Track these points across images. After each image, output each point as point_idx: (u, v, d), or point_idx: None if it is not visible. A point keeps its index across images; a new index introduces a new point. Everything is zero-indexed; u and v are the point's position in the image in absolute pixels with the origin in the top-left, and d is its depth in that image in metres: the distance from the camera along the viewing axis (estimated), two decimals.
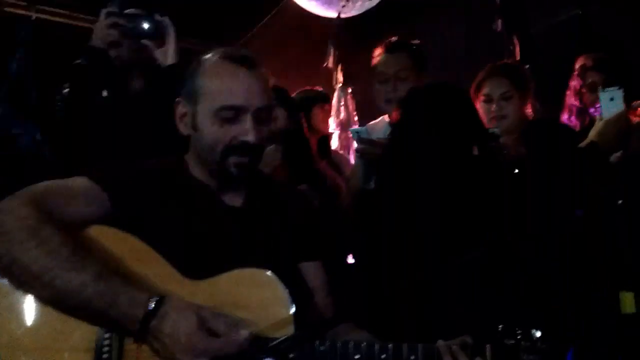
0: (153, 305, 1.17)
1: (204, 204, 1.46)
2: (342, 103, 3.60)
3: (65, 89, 2.04)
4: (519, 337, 1.26)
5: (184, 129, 1.49)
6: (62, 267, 1.15)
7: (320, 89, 3.41)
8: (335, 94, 3.63)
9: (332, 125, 3.53)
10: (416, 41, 2.67)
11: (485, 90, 2.44)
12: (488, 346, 1.27)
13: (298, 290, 1.39)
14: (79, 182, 1.34)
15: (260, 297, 1.30)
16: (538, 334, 1.26)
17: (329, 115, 3.44)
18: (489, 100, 2.42)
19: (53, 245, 1.17)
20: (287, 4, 4.02)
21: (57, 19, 3.84)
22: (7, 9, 3.44)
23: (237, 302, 1.29)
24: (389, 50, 2.57)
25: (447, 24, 3.96)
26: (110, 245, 1.29)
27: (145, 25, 2.01)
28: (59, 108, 2.06)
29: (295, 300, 1.29)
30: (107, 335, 1.22)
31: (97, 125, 1.97)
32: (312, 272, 1.56)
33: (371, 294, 1.79)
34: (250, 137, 1.41)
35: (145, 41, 2.03)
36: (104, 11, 2.04)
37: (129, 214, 1.34)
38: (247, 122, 1.41)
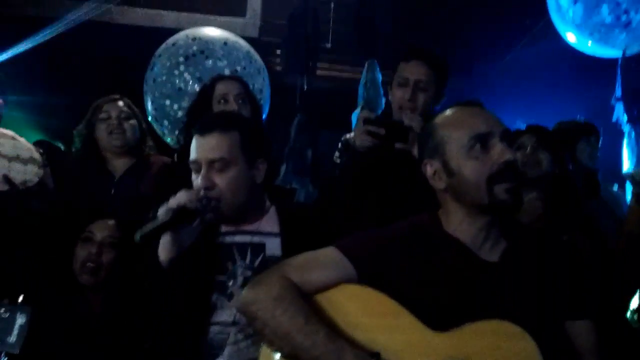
0: None
1: (456, 260, 1.46)
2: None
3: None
4: None
5: (439, 184, 1.51)
6: (299, 330, 1.38)
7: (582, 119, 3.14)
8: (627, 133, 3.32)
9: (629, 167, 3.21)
10: None
11: None
12: None
13: (557, 349, 1.33)
14: (326, 252, 1.51)
15: (506, 349, 1.30)
16: None
17: (594, 149, 3.09)
18: None
19: (292, 312, 1.40)
20: (535, 34, 3.85)
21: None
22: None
23: (482, 353, 1.30)
24: None
25: None
26: (357, 302, 1.44)
27: (398, 133, 2.14)
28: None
29: (550, 358, 1.23)
30: None
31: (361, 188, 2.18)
32: (580, 332, 1.45)
33: None
34: (508, 156, 1.42)
35: (399, 145, 2.15)
36: (361, 116, 2.22)
37: (375, 277, 1.46)
38: (498, 145, 1.43)
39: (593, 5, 3.27)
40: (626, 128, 3.35)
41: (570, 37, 3.48)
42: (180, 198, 1.64)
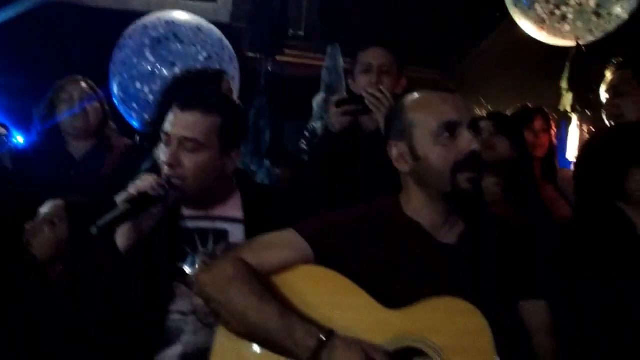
0: (324, 337, 1.31)
1: (414, 242, 1.47)
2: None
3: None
4: None
5: (404, 166, 1.51)
6: (253, 308, 1.37)
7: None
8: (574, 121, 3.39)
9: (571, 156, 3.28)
10: None
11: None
12: None
13: (508, 327, 1.35)
14: (284, 234, 1.51)
15: (458, 325, 1.32)
16: None
17: (542, 135, 3.01)
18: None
19: (246, 291, 1.39)
20: (505, 26, 3.90)
21: (288, 59, 4.29)
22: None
23: (434, 329, 1.32)
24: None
25: None
26: (311, 281, 1.45)
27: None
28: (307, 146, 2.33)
29: (502, 335, 1.26)
30: None
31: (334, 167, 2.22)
32: (532, 311, 1.47)
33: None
34: (474, 145, 1.42)
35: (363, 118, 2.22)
36: (333, 99, 2.25)
37: (332, 257, 1.46)
38: (466, 134, 1.42)
39: (530, 3, 3.30)
40: (573, 117, 3.41)
41: (527, 29, 3.51)
42: (141, 185, 1.56)
